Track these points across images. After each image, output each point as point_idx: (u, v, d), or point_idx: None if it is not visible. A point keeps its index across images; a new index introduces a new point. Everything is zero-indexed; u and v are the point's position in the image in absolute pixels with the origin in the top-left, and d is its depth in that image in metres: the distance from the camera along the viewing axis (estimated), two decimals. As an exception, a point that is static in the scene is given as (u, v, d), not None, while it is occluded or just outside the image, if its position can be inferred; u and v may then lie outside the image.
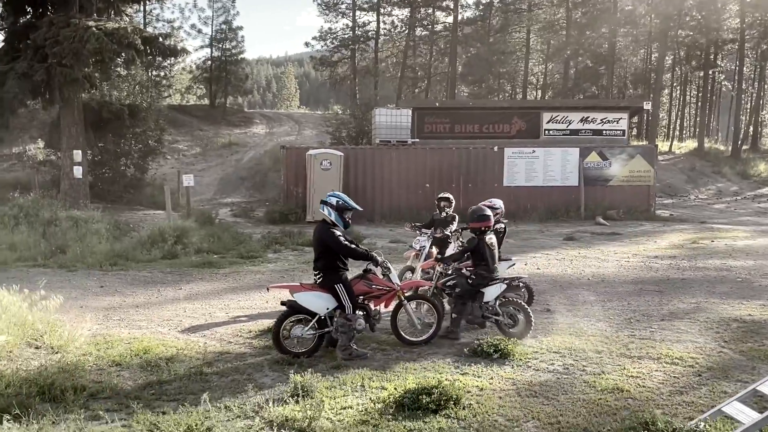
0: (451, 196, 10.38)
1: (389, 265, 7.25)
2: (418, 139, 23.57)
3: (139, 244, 14.70)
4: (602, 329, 7.87)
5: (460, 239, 9.65)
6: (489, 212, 7.89)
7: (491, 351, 6.67)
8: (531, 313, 7.52)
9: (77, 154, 19.22)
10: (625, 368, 6.29)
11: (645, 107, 26.27)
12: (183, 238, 15.11)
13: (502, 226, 9.16)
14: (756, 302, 9.26)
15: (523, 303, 7.84)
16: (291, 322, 7.02)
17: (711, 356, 6.67)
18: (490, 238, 7.87)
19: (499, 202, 9.28)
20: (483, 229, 7.73)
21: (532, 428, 4.82)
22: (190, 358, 6.85)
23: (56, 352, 6.97)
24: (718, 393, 5.62)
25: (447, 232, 9.91)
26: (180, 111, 37.56)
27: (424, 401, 5.12)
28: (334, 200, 6.98)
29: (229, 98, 42.39)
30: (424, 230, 10.22)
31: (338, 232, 6.91)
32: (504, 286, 7.57)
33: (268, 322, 8.46)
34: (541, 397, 5.52)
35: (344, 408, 5.35)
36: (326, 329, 7.00)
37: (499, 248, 8.60)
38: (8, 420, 4.64)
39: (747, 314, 8.48)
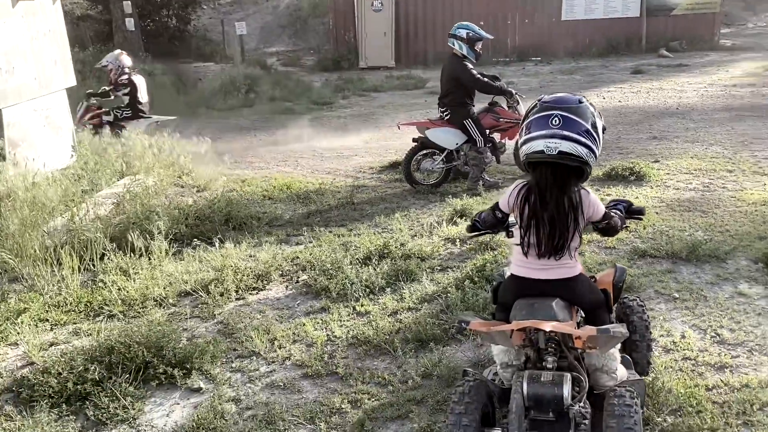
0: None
1: (519, 97, 7.27)
2: (469, -28, 22.35)
3: (213, 94, 14.77)
4: (720, 152, 7.96)
5: None
6: None
7: (627, 174, 6.86)
8: None
9: (127, 5, 18.72)
10: (765, 184, 6.45)
11: None
12: (254, 87, 15.12)
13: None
14: None
15: None
16: (420, 156, 7.23)
17: None
18: None
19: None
20: None
21: (704, 236, 5.08)
22: (333, 191, 7.17)
23: (202, 190, 7.34)
24: None
25: None
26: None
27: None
28: (464, 32, 6.82)
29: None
30: None
31: (470, 66, 6.86)
32: None
33: (386, 159, 8.72)
34: (697, 212, 5.76)
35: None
36: (454, 163, 7.20)
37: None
38: (219, 243, 5.04)
39: None
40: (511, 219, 2.82)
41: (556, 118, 2.45)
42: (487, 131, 7.14)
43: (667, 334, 3.64)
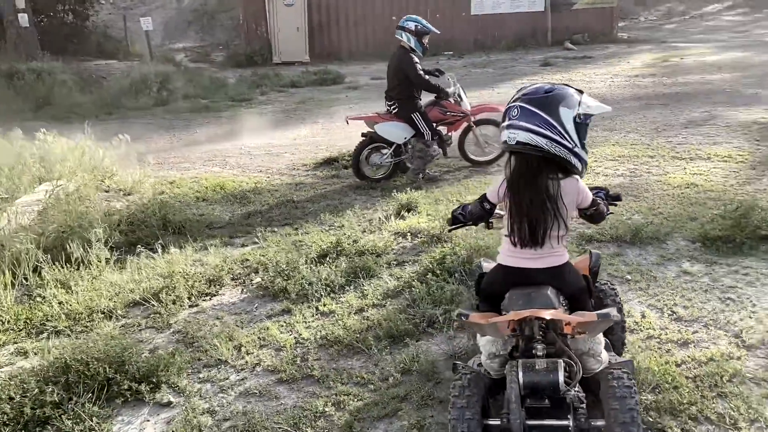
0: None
1: (461, 93, 7.33)
2: (380, -32, 22.44)
3: (123, 93, 14.08)
4: (638, 139, 8.38)
5: None
6: None
7: (558, 162, 7.08)
8: None
9: (20, 0, 17.48)
10: (685, 168, 6.84)
11: None
12: (167, 84, 14.53)
13: None
14: (759, 107, 9.90)
15: None
16: (369, 150, 7.19)
17: (754, 153, 7.28)
18: None
19: None
20: None
21: (641, 220, 5.33)
22: (270, 190, 6.99)
23: (128, 194, 6.96)
24: (776, 181, 6.26)
25: None
26: (101, -52, 33.88)
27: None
28: (412, 25, 6.82)
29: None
30: None
31: (416, 59, 6.86)
32: None
33: (318, 156, 8.59)
34: (629, 197, 6.01)
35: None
36: (402, 156, 7.21)
37: None
38: (162, 249, 4.78)
39: (760, 117, 9.12)
40: (498, 210, 2.83)
41: (515, 109, 2.52)
42: (434, 124, 7.18)
43: (627, 315, 3.78)
